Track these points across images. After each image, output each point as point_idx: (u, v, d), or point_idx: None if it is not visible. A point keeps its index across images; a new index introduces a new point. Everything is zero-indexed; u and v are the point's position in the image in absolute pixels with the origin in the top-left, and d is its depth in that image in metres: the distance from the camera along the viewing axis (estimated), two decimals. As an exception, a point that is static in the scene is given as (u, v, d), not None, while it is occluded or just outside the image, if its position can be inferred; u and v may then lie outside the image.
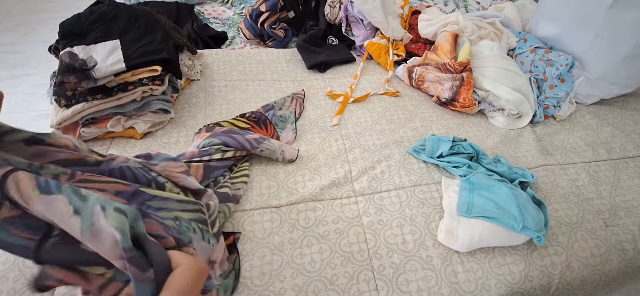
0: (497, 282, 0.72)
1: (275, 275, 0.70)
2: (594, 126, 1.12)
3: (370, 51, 1.28)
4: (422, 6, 1.57)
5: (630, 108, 1.20)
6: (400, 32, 1.30)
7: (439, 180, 0.89)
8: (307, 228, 0.77)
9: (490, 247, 0.76)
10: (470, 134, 1.05)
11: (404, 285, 0.70)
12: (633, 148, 1.05)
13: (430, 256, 0.75)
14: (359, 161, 0.93)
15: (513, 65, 1.14)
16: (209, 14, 1.51)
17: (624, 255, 0.80)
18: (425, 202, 0.84)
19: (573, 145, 1.05)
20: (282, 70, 1.21)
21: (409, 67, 1.20)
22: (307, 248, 0.74)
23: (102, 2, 1.00)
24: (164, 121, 0.96)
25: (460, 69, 1.09)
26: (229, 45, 1.38)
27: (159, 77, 0.91)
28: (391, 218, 0.81)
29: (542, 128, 1.10)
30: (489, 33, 1.28)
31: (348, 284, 0.70)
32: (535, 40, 1.28)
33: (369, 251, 0.75)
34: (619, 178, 0.95)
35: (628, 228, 0.84)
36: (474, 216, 0.75)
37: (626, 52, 1.08)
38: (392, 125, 1.04)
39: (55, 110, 0.87)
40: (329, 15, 1.40)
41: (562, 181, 0.93)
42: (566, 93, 1.13)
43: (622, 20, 1.06)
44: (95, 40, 0.90)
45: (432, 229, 0.79)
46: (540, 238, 0.74)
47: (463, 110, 1.09)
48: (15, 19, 2.17)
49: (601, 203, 0.89)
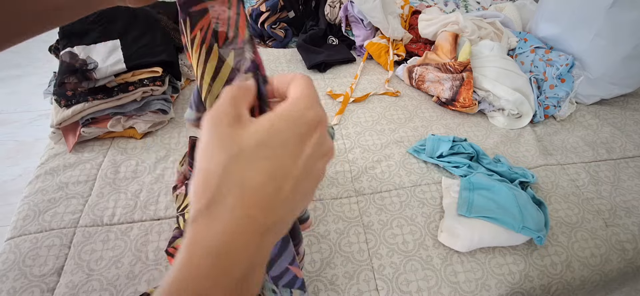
0: (497, 282, 0.72)
1: (275, 275, 0.70)
2: (594, 126, 1.12)
3: (370, 51, 1.28)
4: (422, 6, 1.57)
5: (630, 108, 1.20)
6: (401, 32, 1.30)
7: (439, 180, 0.89)
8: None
9: (490, 247, 0.76)
10: (471, 134, 1.05)
11: (404, 285, 0.70)
12: (633, 148, 1.05)
13: (430, 256, 0.75)
14: (359, 161, 0.93)
15: (513, 65, 1.14)
16: (209, 14, 1.51)
17: (624, 255, 0.80)
18: (425, 202, 0.84)
19: (573, 145, 1.04)
20: (282, 70, 1.21)
21: (409, 67, 1.20)
22: (307, 248, 0.74)
23: (102, 2, 1.01)
24: (164, 121, 0.96)
25: (460, 69, 1.09)
26: (229, 45, 1.38)
27: (160, 78, 0.91)
28: (391, 218, 0.81)
29: (542, 128, 1.10)
30: (489, 33, 1.28)
31: (348, 284, 0.70)
32: (536, 40, 1.28)
33: (369, 251, 0.75)
34: (619, 178, 0.95)
35: (628, 228, 0.83)
36: (474, 216, 0.75)
37: (626, 52, 1.08)
38: (392, 125, 1.04)
39: (56, 110, 0.87)
40: (329, 15, 1.40)
41: (562, 181, 0.93)
42: (566, 93, 1.13)
43: (622, 20, 1.06)
44: (95, 40, 0.90)
45: (432, 229, 0.79)
46: (541, 238, 0.74)
47: (463, 110, 1.09)
48: (16, 19, 2.17)
49: (601, 203, 0.88)
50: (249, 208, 0.20)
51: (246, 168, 0.20)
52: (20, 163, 1.46)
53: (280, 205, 0.21)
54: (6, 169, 1.43)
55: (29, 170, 1.40)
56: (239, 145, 0.21)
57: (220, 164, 0.20)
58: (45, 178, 0.82)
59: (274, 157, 0.21)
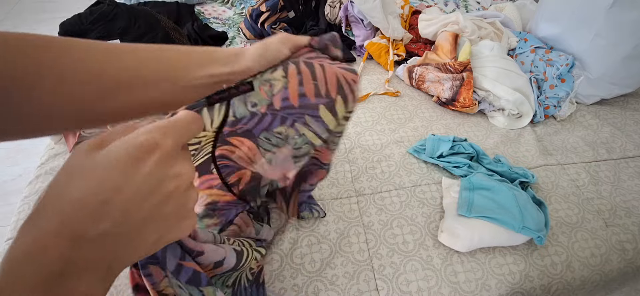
0: (498, 282, 0.72)
1: (276, 275, 0.70)
2: (595, 126, 1.12)
3: (370, 51, 1.28)
4: (422, 6, 1.57)
5: (630, 108, 1.20)
6: (401, 32, 1.30)
7: (439, 180, 0.89)
8: (307, 227, 0.77)
9: (490, 247, 0.76)
10: (471, 134, 1.05)
11: (404, 285, 0.70)
12: (633, 148, 1.05)
13: (430, 256, 0.75)
14: (359, 161, 0.93)
15: (513, 65, 1.14)
16: (209, 14, 1.51)
17: (624, 255, 0.80)
18: (425, 202, 0.84)
19: (573, 145, 1.04)
20: (282, 70, 1.21)
21: (409, 67, 1.20)
22: (307, 248, 0.74)
23: (103, 2, 1.01)
24: (164, 121, 0.96)
25: (460, 69, 1.09)
26: (229, 46, 1.38)
27: (159, 77, 0.91)
28: (391, 218, 0.81)
29: (543, 128, 1.10)
30: (489, 33, 1.28)
31: (348, 284, 0.70)
32: (536, 40, 1.28)
33: (369, 251, 0.75)
34: (619, 178, 0.95)
35: (628, 228, 0.83)
36: (474, 216, 0.75)
37: (626, 52, 1.08)
38: (392, 125, 1.04)
39: (56, 110, 0.87)
40: (329, 15, 1.40)
41: (563, 181, 0.93)
42: (566, 93, 1.13)
43: (622, 20, 1.06)
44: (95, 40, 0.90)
45: (432, 229, 0.79)
46: (541, 238, 0.74)
47: (463, 110, 1.09)
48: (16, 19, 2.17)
49: (601, 203, 0.89)
50: (62, 216, 0.21)
51: (70, 184, 0.22)
52: (20, 163, 1.46)
53: (109, 216, 0.22)
54: (6, 169, 1.43)
55: (29, 170, 1.41)
56: (73, 165, 0.23)
57: (54, 180, 0.22)
58: (46, 179, 0.82)
59: (102, 173, 0.22)
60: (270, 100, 0.44)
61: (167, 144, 0.25)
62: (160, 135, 0.25)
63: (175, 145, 0.26)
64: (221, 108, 0.42)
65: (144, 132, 0.24)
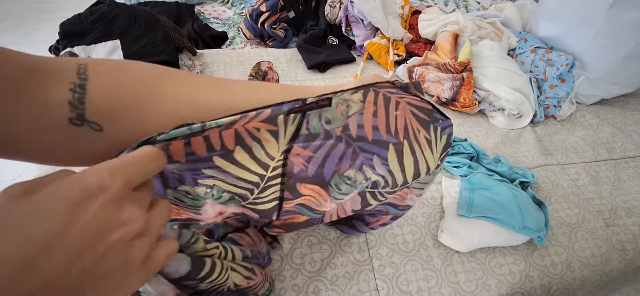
0: (498, 282, 0.72)
1: (276, 275, 0.70)
2: (595, 126, 1.12)
3: (370, 51, 1.28)
4: (422, 6, 1.57)
5: (630, 108, 1.20)
6: (401, 32, 1.30)
7: (439, 180, 0.89)
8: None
9: (490, 247, 0.76)
10: (471, 134, 1.05)
11: (404, 285, 0.70)
12: (634, 148, 1.05)
13: (430, 256, 0.75)
14: (359, 161, 0.92)
15: (513, 65, 1.14)
16: (209, 14, 1.51)
17: (624, 255, 0.80)
18: (425, 202, 0.84)
19: (573, 145, 1.04)
20: (282, 70, 1.21)
21: (410, 67, 1.20)
22: (308, 247, 0.74)
23: (103, 2, 1.01)
24: (164, 121, 0.96)
25: (460, 69, 1.09)
26: (229, 45, 1.38)
27: (159, 77, 0.91)
28: (391, 218, 0.81)
29: (543, 128, 1.10)
30: (489, 33, 1.28)
31: (348, 284, 0.70)
32: (536, 40, 1.28)
33: (369, 251, 0.75)
34: (619, 178, 0.95)
35: (629, 228, 0.83)
36: (474, 216, 0.75)
37: (626, 52, 1.08)
38: (392, 125, 1.04)
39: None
40: (329, 15, 1.40)
41: (563, 181, 0.93)
42: (567, 93, 1.13)
43: (622, 20, 1.06)
44: (95, 40, 0.90)
45: (432, 229, 0.79)
46: (541, 238, 0.74)
47: (463, 110, 1.09)
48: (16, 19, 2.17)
49: (602, 203, 0.88)
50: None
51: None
52: (20, 163, 1.46)
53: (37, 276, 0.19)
54: (6, 169, 1.43)
55: (29, 170, 1.40)
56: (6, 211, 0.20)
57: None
58: (46, 178, 0.82)
59: (29, 224, 0.19)
60: (345, 122, 0.41)
61: (114, 186, 0.22)
62: (108, 175, 0.22)
63: (125, 187, 0.23)
64: (296, 119, 0.39)
65: (90, 173, 0.22)
